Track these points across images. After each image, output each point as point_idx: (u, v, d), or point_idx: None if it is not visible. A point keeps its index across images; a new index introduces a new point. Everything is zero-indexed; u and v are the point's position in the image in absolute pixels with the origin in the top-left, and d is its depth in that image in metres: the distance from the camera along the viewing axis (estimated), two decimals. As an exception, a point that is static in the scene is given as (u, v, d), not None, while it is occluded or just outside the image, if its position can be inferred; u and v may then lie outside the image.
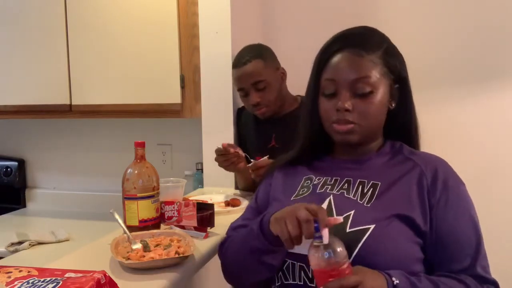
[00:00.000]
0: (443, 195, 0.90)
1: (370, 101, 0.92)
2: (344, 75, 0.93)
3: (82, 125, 2.33)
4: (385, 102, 0.96)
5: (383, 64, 0.93)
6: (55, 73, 1.99)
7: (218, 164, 1.57)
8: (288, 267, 0.92)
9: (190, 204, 1.24)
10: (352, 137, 0.95)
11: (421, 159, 0.96)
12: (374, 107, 0.93)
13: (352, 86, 0.92)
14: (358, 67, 0.92)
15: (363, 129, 0.94)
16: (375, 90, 0.92)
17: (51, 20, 1.97)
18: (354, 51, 0.93)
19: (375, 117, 0.95)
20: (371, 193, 0.93)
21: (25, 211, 2.41)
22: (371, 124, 0.95)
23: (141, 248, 1.04)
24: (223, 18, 1.74)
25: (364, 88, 0.92)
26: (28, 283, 0.73)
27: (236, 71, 1.62)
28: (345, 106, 0.92)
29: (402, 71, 0.98)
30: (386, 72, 0.94)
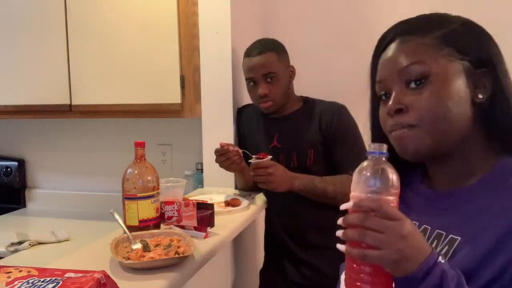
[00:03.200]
0: None
1: (431, 91, 0.69)
2: (390, 68, 0.74)
3: (82, 125, 2.33)
4: (463, 93, 0.69)
5: (445, 44, 0.71)
6: (55, 73, 1.99)
7: (219, 165, 1.56)
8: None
9: (190, 204, 1.25)
10: (415, 147, 0.71)
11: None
12: (437, 98, 0.69)
13: (402, 78, 0.72)
14: (405, 53, 0.72)
15: (429, 133, 0.70)
16: (435, 73, 0.69)
17: (51, 20, 1.97)
18: (404, 37, 0.74)
19: (444, 113, 0.69)
20: (445, 253, 0.68)
21: (25, 211, 2.40)
22: (440, 125, 0.69)
23: (141, 248, 1.04)
24: (223, 18, 1.75)
25: (417, 73, 0.70)
26: (28, 283, 0.73)
27: (248, 60, 1.61)
28: (396, 106, 0.71)
29: (486, 50, 0.72)
30: (451, 52, 0.70)
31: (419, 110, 0.70)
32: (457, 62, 0.70)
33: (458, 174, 0.74)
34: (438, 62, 0.70)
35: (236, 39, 1.77)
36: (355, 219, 0.60)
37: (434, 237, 0.72)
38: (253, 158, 1.47)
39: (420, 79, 0.70)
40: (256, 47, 1.61)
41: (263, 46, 1.60)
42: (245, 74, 1.64)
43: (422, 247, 0.60)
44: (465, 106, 0.70)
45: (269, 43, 1.63)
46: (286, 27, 2.16)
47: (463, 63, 0.70)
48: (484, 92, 0.71)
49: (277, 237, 1.69)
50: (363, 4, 2.10)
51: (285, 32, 1.98)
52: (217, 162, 1.56)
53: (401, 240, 0.58)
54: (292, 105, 1.66)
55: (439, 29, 0.73)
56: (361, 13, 2.09)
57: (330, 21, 2.13)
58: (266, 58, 1.57)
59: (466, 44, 0.71)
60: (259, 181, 1.48)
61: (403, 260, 0.58)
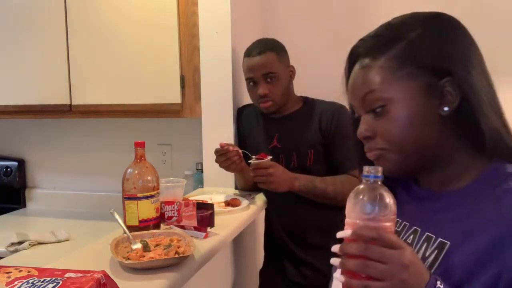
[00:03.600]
0: None
1: (389, 117, 0.70)
2: (355, 96, 0.75)
3: (82, 125, 2.33)
4: (424, 110, 0.69)
5: (402, 63, 0.69)
6: (55, 73, 1.99)
7: (219, 165, 1.56)
8: None
9: (190, 204, 1.25)
10: (386, 166, 0.68)
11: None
12: (398, 123, 0.69)
13: (364, 106, 0.73)
14: (363, 81, 0.72)
15: (398, 154, 0.71)
16: (389, 102, 0.70)
17: (51, 20, 1.97)
18: (362, 61, 0.73)
19: (408, 135, 0.69)
20: (434, 259, 0.67)
21: (25, 211, 2.40)
22: (407, 146, 0.70)
23: (141, 248, 1.04)
24: (223, 18, 1.75)
25: (373, 103, 0.71)
26: (28, 283, 0.73)
27: (248, 60, 1.61)
28: (365, 133, 0.73)
29: (446, 57, 0.68)
30: (411, 71, 0.69)
31: (384, 136, 0.71)
32: (414, 81, 0.69)
33: (444, 179, 0.73)
34: (394, 87, 0.69)
35: (236, 39, 1.77)
36: (355, 249, 0.58)
37: (423, 240, 0.71)
38: (253, 159, 1.47)
39: (376, 109, 0.71)
40: (256, 47, 1.61)
41: (263, 46, 1.59)
42: (245, 74, 1.64)
43: (422, 275, 0.59)
44: (430, 123, 0.69)
45: (269, 43, 1.63)
46: (286, 27, 2.16)
47: (422, 79, 0.69)
48: (450, 102, 0.68)
49: (277, 237, 1.69)
50: (363, 3, 2.10)
51: (285, 32, 1.98)
52: (217, 162, 1.56)
53: (403, 270, 0.56)
54: (292, 105, 1.66)
55: (396, 43, 0.70)
56: (361, 13, 2.09)
57: (330, 21, 2.13)
58: (266, 58, 1.57)
59: (424, 58, 0.69)
60: (259, 182, 1.48)
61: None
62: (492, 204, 0.65)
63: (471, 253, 0.63)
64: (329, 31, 2.11)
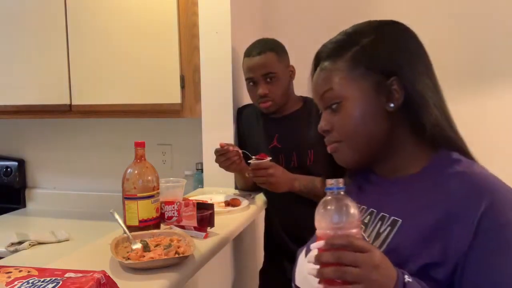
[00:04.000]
0: (478, 240, 0.66)
1: (343, 112, 0.79)
2: (315, 96, 0.85)
3: (82, 125, 2.33)
4: (373, 107, 0.78)
5: (355, 65, 0.79)
6: (55, 73, 1.99)
7: (219, 165, 1.56)
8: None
9: (190, 204, 1.25)
10: (341, 158, 0.82)
11: (461, 186, 0.71)
12: (350, 118, 0.78)
13: (323, 103, 0.83)
14: (322, 81, 0.82)
15: (351, 146, 0.80)
16: (342, 99, 0.79)
17: (51, 20, 1.97)
18: (322, 64, 0.83)
19: (359, 129, 0.79)
20: (387, 235, 0.75)
21: (25, 211, 2.40)
22: (359, 139, 0.79)
23: (141, 248, 1.04)
24: (223, 18, 1.74)
25: (330, 100, 0.81)
26: (28, 283, 0.73)
27: (248, 60, 1.61)
28: (324, 127, 0.83)
29: (392, 60, 0.78)
30: (360, 73, 0.78)
31: (339, 129, 0.80)
32: (366, 81, 0.78)
33: (396, 167, 0.82)
34: (347, 86, 0.79)
35: (236, 39, 1.77)
36: (330, 257, 0.63)
37: (378, 219, 0.79)
38: (252, 159, 1.47)
39: (332, 105, 0.80)
40: (255, 47, 1.61)
41: (263, 46, 1.59)
42: (245, 74, 1.64)
43: (391, 273, 0.64)
44: (379, 118, 0.78)
45: (269, 43, 1.63)
46: (286, 27, 2.16)
47: (372, 79, 0.78)
48: (396, 99, 0.77)
49: (277, 237, 1.69)
50: (363, 3, 2.10)
51: (285, 32, 1.98)
52: (217, 162, 1.56)
53: (375, 270, 0.62)
54: (292, 105, 1.66)
55: (351, 48, 0.80)
56: (362, 13, 2.09)
57: (330, 21, 2.12)
58: (265, 58, 1.57)
59: (375, 60, 0.78)
60: (259, 182, 1.48)
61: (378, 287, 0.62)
62: (440, 187, 0.73)
63: (420, 229, 0.71)
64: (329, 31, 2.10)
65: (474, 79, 2.01)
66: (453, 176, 0.73)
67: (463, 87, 2.01)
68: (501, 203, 0.68)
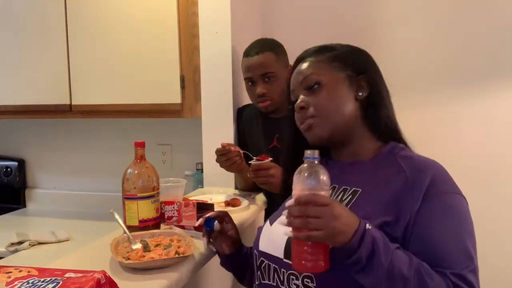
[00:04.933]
0: (424, 203, 0.83)
1: (323, 92, 0.95)
2: (296, 80, 1.00)
3: (82, 125, 2.33)
4: (346, 93, 0.95)
5: (331, 60, 0.97)
6: (55, 73, 1.99)
7: (220, 165, 1.56)
8: (265, 267, 0.96)
9: (190, 204, 1.25)
10: (316, 132, 0.96)
11: (410, 163, 0.90)
12: (329, 97, 0.95)
13: (302, 86, 0.98)
14: (304, 69, 0.99)
15: (326, 122, 0.95)
16: (323, 81, 0.95)
17: (51, 20, 1.97)
18: (305, 59, 1.01)
19: (336, 108, 0.95)
20: (348, 201, 0.90)
21: (25, 211, 2.41)
22: (333, 117, 0.95)
23: (141, 248, 1.04)
24: (223, 18, 1.74)
25: (310, 81, 0.96)
26: (28, 283, 0.73)
27: (247, 60, 1.61)
28: (300, 104, 0.96)
29: (363, 63, 0.99)
30: (338, 66, 0.97)
31: (316, 106, 0.95)
32: (342, 73, 0.97)
33: (353, 152, 0.99)
34: (327, 74, 0.96)
35: (236, 39, 1.77)
36: (297, 211, 0.76)
37: (341, 191, 0.94)
38: (253, 160, 1.47)
39: (312, 86, 0.96)
40: (254, 46, 1.61)
41: (261, 46, 1.60)
42: (243, 73, 1.65)
43: (352, 222, 0.76)
44: (349, 102, 0.96)
45: (267, 43, 1.63)
46: (286, 27, 2.16)
47: (347, 73, 0.97)
48: (364, 91, 0.97)
49: (277, 237, 1.69)
50: (363, 4, 2.10)
51: (285, 32, 1.98)
52: (217, 162, 1.56)
53: (334, 220, 0.74)
54: None
55: (330, 52, 1.00)
56: (361, 13, 2.09)
57: (330, 21, 2.13)
58: (264, 57, 1.58)
59: (348, 60, 0.98)
60: (259, 182, 1.48)
61: (338, 234, 0.74)
62: (395, 166, 0.91)
63: (381, 197, 0.87)
64: (329, 31, 2.11)
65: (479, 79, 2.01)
66: (403, 158, 0.92)
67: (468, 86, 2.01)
68: (440, 177, 0.87)
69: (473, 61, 1.99)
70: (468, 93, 2.01)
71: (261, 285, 0.97)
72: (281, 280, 0.91)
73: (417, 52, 2.05)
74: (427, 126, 2.03)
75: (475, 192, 2.00)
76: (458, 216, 0.85)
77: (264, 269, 0.96)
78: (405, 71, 2.05)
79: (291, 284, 0.89)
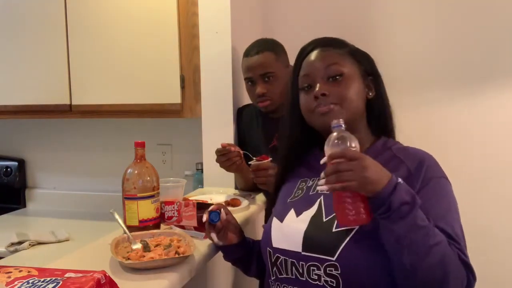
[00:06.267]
0: (422, 187, 0.92)
1: (345, 84, 0.99)
2: (316, 67, 1.02)
3: (82, 125, 2.33)
4: (361, 89, 1.02)
5: (350, 57, 1.02)
6: (55, 73, 1.99)
7: (220, 165, 1.56)
8: (281, 263, 0.97)
9: (190, 204, 1.25)
10: (335, 116, 0.97)
11: (408, 155, 0.99)
12: (349, 89, 0.99)
13: (325, 74, 1.00)
14: (327, 57, 1.01)
15: (344, 111, 0.98)
16: (346, 73, 1.00)
17: (51, 20, 1.97)
18: (323, 48, 1.03)
19: (353, 100, 0.99)
20: None
21: (25, 211, 2.41)
22: (351, 107, 0.99)
23: (141, 248, 1.04)
24: (223, 18, 1.74)
25: (336, 71, 0.99)
26: (28, 283, 0.73)
27: (246, 60, 1.61)
28: (322, 91, 0.98)
29: (372, 66, 1.06)
30: (354, 63, 1.02)
31: (337, 94, 0.99)
32: (358, 69, 1.02)
33: None
34: (348, 66, 1.01)
35: (236, 39, 1.77)
36: (331, 169, 0.83)
37: None
38: (253, 160, 1.47)
39: (336, 76, 1.00)
40: (254, 46, 1.61)
41: (261, 46, 1.60)
42: (243, 73, 1.65)
43: (382, 173, 0.83)
44: (362, 98, 1.02)
45: (267, 42, 1.63)
46: (286, 27, 2.15)
47: (361, 70, 1.03)
48: (372, 92, 1.04)
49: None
50: (363, 4, 2.10)
51: (285, 32, 1.98)
52: (217, 162, 1.56)
53: (364, 171, 0.81)
54: None
55: (345, 46, 1.05)
56: (361, 13, 2.10)
57: (330, 21, 2.13)
58: (264, 57, 1.58)
59: (361, 59, 1.04)
60: (259, 183, 1.48)
61: (369, 183, 0.81)
62: (394, 158, 0.99)
63: None
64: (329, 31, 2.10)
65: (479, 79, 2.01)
66: (399, 150, 1.01)
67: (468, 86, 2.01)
68: (434, 164, 0.97)
69: (472, 61, 2.00)
70: (467, 93, 2.01)
71: (278, 280, 0.99)
72: (300, 272, 0.94)
73: (416, 52, 2.06)
74: (425, 125, 2.03)
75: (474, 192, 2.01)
76: (448, 197, 0.95)
77: (281, 265, 0.98)
78: (404, 71, 2.05)
79: (311, 274, 0.92)
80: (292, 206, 1.03)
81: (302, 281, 0.93)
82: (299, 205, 1.01)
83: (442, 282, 0.83)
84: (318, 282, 0.91)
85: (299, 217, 0.99)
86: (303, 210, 0.99)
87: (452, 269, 0.83)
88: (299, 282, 0.94)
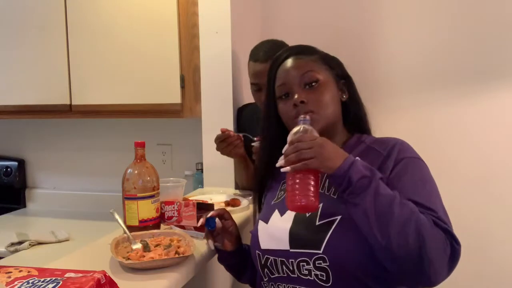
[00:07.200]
0: (395, 168, 0.96)
1: (321, 90, 1.03)
2: (292, 75, 1.04)
3: (82, 125, 2.33)
4: (336, 93, 1.06)
5: (322, 63, 1.06)
6: (55, 73, 1.99)
7: (221, 152, 1.55)
8: (271, 263, 0.99)
9: (190, 204, 1.25)
10: (314, 126, 0.99)
11: (381, 143, 1.03)
12: (325, 95, 1.03)
13: (301, 81, 1.03)
14: (302, 64, 1.05)
15: (322, 117, 1.02)
16: (322, 79, 1.03)
17: (51, 20, 1.97)
18: (297, 56, 1.07)
19: (329, 105, 1.03)
20: None
21: (25, 211, 2.41)
22: (327, 112, 1.03)
23: (141, 248, 1.04)
24: (223, 18, 1.74)
25: (312, 78, 1.03)
26: (28, 283, 0.73)
27: (255, 65, 1.57)
28: (301, 98, 1.01)
29: (342, 70, 1.10)
30: (327, 68, 1.06)
31: (314, 102, 1.02)
32: (331, 75, 1.06)
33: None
34: (322, 73, 1.05)
35: (236, 39, 1.77)
36: (291, 149, 0.88)
37: (326, 177, 0.99)
38: (255, 141, 1.46)
39: (312, 82, 1.03)
40: (264, 51, 1.56)
41: (270, 52, 1.53)
42: (250, 77, 1.61)
43: (340, 152, 0.90)
44: (337, 102, 1.06)
45: (278, 48, 1.58)
46: (286, 27, 2.15)
47: (333, 76, 1.07)
48: (346, 95, 1.09)
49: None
50: (363, 5, 2.10)
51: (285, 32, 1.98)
52: (218, 150, 1.55)
53: (323, 148, 0.87)
54: None
55: (316, 53, 1.09)
56: (361, 14, 2.09)
57: (330, 22, 2.13)
58: None
59: (332, 64, 1.09)
60: None
61: (328, 159, 0.87)
62: (369, 151, 1.02)
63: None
64: (329, 31, 2.11)
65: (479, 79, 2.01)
66: (373, 142, 1.05)
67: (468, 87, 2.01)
68: (406, 146, 1.01)
69: (472, 61, 1.99)
70: (466, 93, 2.01)
71: (271, 280, 1.00)
72: (291, 269, 0.95)
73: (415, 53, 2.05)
74: (423, 126, 2.02)
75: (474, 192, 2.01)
76: (422, 173, 0.97)
77: (271, 265, 0.99)
78: (402, 71, 2.04)
79: (302, 270, 0.94)
80: (276, 207, 1.05)
81: (294, 278, 0.95)
82: (283, 205, 1.01)
83: (420, 251, 0.81)
84: (309, 277, 0.93)
85: (283, 216, 1.01)
86: (286, 209, 1.00)
87: (427, 235, 0.82)
88: (291, 279, 0.96)
